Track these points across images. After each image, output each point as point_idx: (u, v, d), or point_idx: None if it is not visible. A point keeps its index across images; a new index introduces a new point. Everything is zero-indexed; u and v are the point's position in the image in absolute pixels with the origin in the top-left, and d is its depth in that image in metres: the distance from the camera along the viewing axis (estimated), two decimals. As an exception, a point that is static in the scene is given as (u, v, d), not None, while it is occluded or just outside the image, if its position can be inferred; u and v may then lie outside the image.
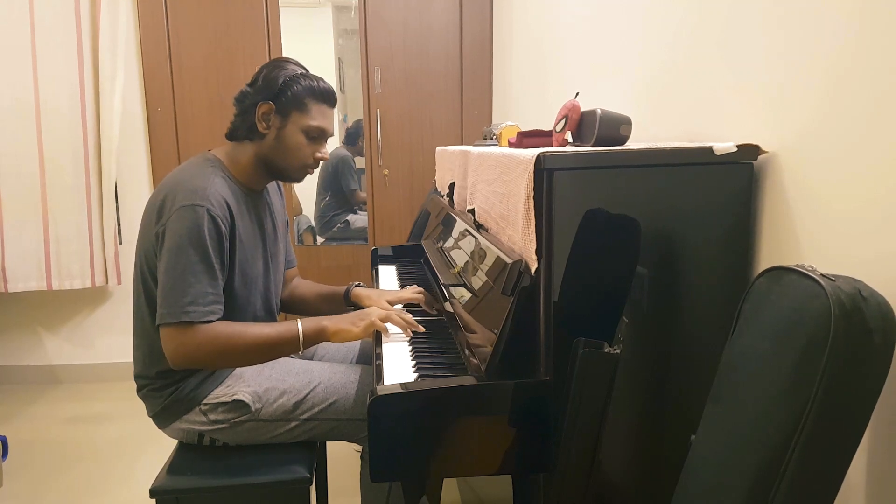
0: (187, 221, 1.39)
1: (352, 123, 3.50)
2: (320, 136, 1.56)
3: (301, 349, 1.48)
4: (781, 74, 1.07)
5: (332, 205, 3.57)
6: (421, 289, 1.79)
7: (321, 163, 1.62)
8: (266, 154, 1.54)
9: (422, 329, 1.53)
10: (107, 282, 3.25)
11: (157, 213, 1.44)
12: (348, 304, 1.81)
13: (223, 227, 1.43)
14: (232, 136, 1.58)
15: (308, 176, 1.64)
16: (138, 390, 1.56)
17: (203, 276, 1.39)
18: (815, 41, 0.99)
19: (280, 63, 1.54)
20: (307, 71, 1.56)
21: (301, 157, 1.55)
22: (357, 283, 1.84)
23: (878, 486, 0.92)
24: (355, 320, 1.52)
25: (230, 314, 1.49)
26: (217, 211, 1.42)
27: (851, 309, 0.76)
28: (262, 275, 1.61)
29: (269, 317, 1.67)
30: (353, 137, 3.50)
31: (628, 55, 1.67)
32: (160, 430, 1.57)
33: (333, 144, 3.46)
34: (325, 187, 3.56)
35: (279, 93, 1.50)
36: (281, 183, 1.78)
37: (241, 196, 1.55)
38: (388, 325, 1.54)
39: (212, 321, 1.40)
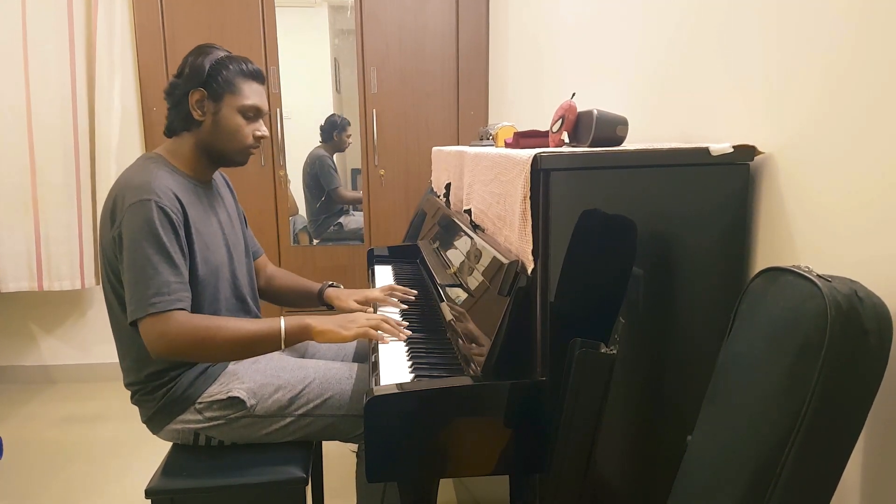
0: (138, 217, 1.39)
1: (324, 120, 3.47)
2: (256, 114, 1.57)
3: (282, 347, 1.47)
4: (778, 76, 1.07)
5: (324, 207, 3.55)
6: (390, 286, 1.81)
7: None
8: (206, 141, 1.55)
9: (409, 333, 1.54)
10: (97, 283, 3.23)
11: (110, 218, 1.44)
12: (321, 303, 1.85)
13: (174, 216, 1.43)
14: (170, 130, 1.58)
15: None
16: (132, 397, 1.55)
17: (163, 267, 1.39)
18: (812, 43, 0.99)
19: (204, 49, 1.55)
20: (231, 53, 1.57)
21: (241, 137, 1.55)
22: (330, 283, 1.88)
23: (874, 486, 0.92)
24: (344, 324, 1.51)
25: (200, 303, 1.49)
26: (165, 202, 1.42)
27: (847, 310, 0.76)
28: (226, 263, 1.60)
29: (240, 304, 1.66)
30: (327, 133, 3.46)
31: (625, 56, 1.67)
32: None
33: (312, 144, 3.45)
34: (310, 191, 3.52)
35: (208, 78, 1.50)
36: (230, 182, 1.80)
37: (190, 187, 1.55)
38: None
39: (182, 308, 1.39)
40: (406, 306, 1.75)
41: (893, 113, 0.85)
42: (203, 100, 1.51)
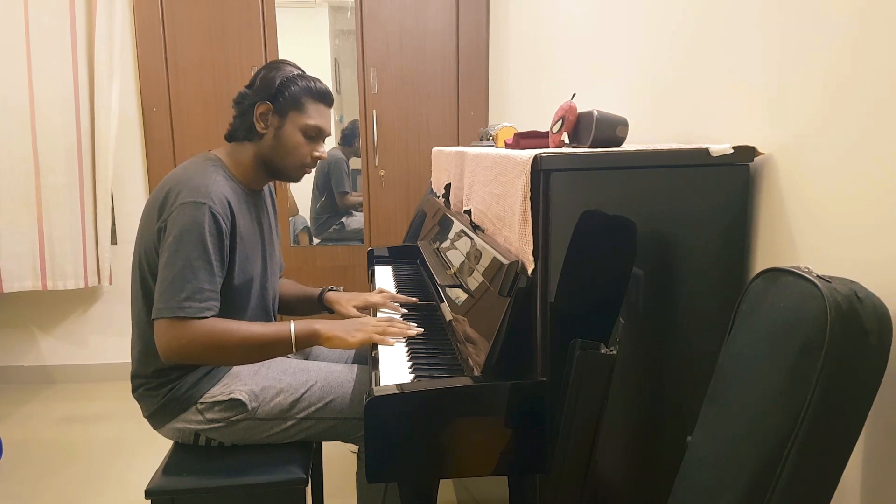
0: (189, 218, 1.40)
1: (347, 124, 3.49)
2: (318, 135, 1.58)
3: (293, 350, 1.48)
4: (779, 76, 1.07)
5: (327, 207, 3.56)
6: (386, 292, 1.81)
7: (318, 162, 1.64)
8: (265, 154, 1.56)
9: (419, 330, 1.53)
10: (99, 282, 3.24)
11: (158, 210, 1.44)
12: (322, 307, 1.86)
13: (224, 224, 1.44)
14: (231, 136, 1.60)
15: (305, 176, 1.65)
16: (134, 390, 1.56)
17: (201, 273, 1.40)
18: (813, 43, 1.00)
19: (277, 64, 1.56)
20: (304, 72, 1.58)
21: (299, 156, 1.57)
22: (330, 287, 1.88)
23: (874, 486, 0.92)
24: (351, 331, 1.51)
25: (227, 312, 1.50)
26: (218, 209, 1.43)
27: (847, 310, 0.76)
28: (259, 274, 1.61)
29: (265, 316, 1.67)
30: (349, 138, 3.49)
31: (625, 56, 1.67)
32: (155, 431, 1.57)
33: (329, 145, 3.46)
34: (319, 189, 3.55)
35: (277, 93, 1.52)
36: (273, 190, 1.80)
37: (242, 195, 1.56)
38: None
39: (207, 317, 1.40)
40: (406, 310, 1.75)
41: (894, 114, 0.85)
42: (268, 113, 1.53)
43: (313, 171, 1.67)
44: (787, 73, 1.05)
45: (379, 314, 1.71)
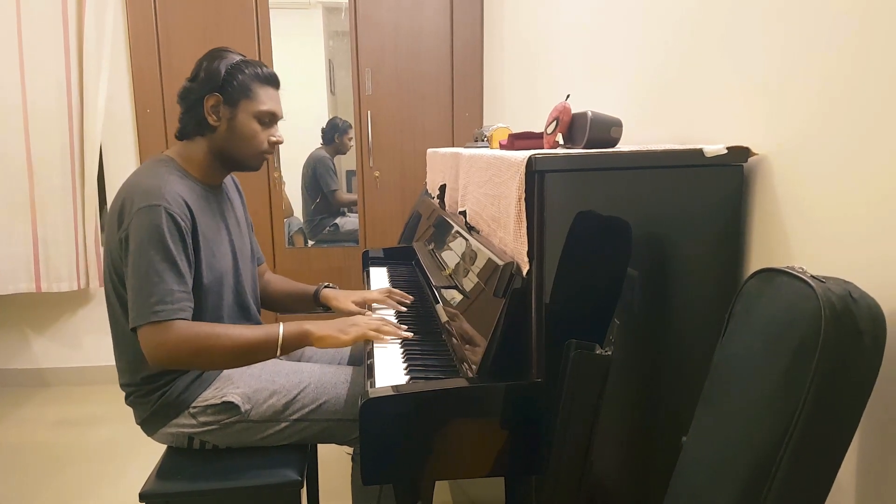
0: (146, 222, 1.37)
1: (326, 123, 3.48)
2: (272, 119, 1.56)
3: (278, 353, 1.46)
4: (774, 78, 1.08)
5: (321, 208, 3.56)
6: (387, 289, 1.80)
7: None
8: (221, 146, 1.53)
9: (409, 335, 1.53)
10: (88, 284, 3.23)
11: (117, 220, 1.42)
12: (317, 304, 1.83)
13: (183, 223, 1.42)
14: (182, 134, 1.56)
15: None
16: (126, 398, 1.54)
17: (167, 275, 1.37)
18: (810, 44, 1.00)
19: (218, 53, 1.53)
20: (245, 57, 1.55)
21: (256, 143, 1.54)
22: (326, 283, 1.86)
23: (869, 486, 0.92)
24: (343, 328, 1.50)
25: (202, 310, 1.48)
26: (175, 209, 1.40)
27: (842, 310, 0.77)
28: (231, 270, 1.59)
29: (242, 312, 1.65)
30: (328, 136, 3.48)
31: (619, 57, 1.67)
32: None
33: (312, 146, 3.46)
34: (309, 192, 3.53)
35: (224, 83, 1.49)
36: (240, 183, 1.79)
37: (200, 192, 1.53)
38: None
39: (183, 318, 1.38)
40: (404, 308, 1.75)
41: (889, 115, 0.85)
42: (218, 105, 1.50)
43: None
44: (783, 74, 1.05)
45: (375, 315, 1.70)
